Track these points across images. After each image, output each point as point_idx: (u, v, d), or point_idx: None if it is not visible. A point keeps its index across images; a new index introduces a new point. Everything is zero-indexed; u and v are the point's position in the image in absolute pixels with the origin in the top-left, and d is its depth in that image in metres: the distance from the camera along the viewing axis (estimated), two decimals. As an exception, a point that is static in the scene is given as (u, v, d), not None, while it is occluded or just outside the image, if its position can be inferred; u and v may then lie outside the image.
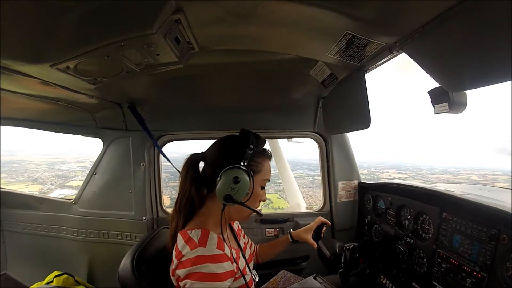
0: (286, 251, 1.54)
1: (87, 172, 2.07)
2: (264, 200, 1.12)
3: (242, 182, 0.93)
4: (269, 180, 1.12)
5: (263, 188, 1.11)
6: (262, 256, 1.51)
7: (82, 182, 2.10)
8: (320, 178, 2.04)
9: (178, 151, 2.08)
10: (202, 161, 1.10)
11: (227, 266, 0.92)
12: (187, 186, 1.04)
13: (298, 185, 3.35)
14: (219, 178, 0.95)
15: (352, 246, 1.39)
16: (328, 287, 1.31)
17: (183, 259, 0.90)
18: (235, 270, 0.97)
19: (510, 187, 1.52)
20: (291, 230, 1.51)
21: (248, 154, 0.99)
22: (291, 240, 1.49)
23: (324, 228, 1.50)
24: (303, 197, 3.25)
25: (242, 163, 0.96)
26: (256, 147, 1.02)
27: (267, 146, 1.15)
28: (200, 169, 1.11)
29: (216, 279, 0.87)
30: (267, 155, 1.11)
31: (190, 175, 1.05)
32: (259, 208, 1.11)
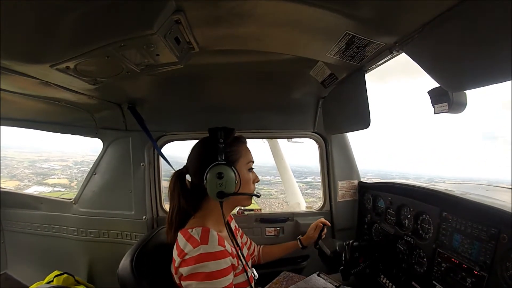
0: (286, 251, 1.56)
1: (68, 171, 2.09)
2: (258, 181, 1.17)
3: (226, 175, 0.99)
4: (253, 162, 1.15)
5: (251, 170, 1.14)
6: (265, 257, 1.54)
7: (60, 180, 2.12)
8: (302, 185, 2.07)
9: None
10: (186, 173, 1.13)
11: (229, 260, 0.95)
12: (176, 201, 1.08)
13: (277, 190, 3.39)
14: (205, 181, 1.00)
15: (352, 241, 1.40)
16: (333, 283, 1.31)
17: (186, 257, 0.91)
18: (236, 265, 1.00)
19: (510, 187, 1.52)
20: (300, 236, 1.60)
21: (221, 148, 1.02)
22: (301, 246, 1.57)
23: (325, 230, 1.53)
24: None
25: (219, 159, 1.01)
26: (226, 139, 1.05)
27: (266, 145, 1.17)
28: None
29: (220, 276, 0.90)
30: (240, 141, 1.15)
31: (177, 190, 1.09)
32: (255, 190, 1.15)
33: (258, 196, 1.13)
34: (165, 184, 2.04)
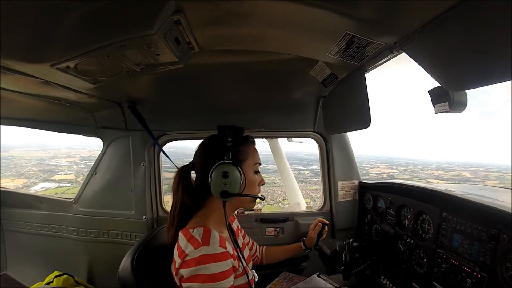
0: (286, 251, 1.55)
1: (75, 166, 2.10)
2: (263, 184, 1.15)
3: (231, 174, 0.98)
4: (260, 164, 1.13)
5: (257, 172, 1.12)
6: (268, 258, 1.53)
7: (66, 176, 2.13)
8: (306, 173, 2.06)
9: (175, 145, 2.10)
10: (192, 170, 1.11)
11: (230, 263, 0.94)
12: (179, 197, 1.07)
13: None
14: (210, 179, 0.99)
15: (352, 240, 1.40)
16: (333, 284, 1.31)
17: (187, 258, 0.90)
18: (237, 267, 0.99)
19: (510, 187, 1.52)
20: (304, 238, 1.58)
21: (229, 147, 1.01)
22: (304, 248, 1.55)
23: (326, 229, 1.53)
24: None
25: (225, 158, 1.00)
26: (234, 137, 1.04)
27: (266, 145, 1.17)
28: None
29: (221, 278, 0.89)
30: (249, 141, 1.13)
31: (181, 186, 1.07)
32: (259, 193, 1.13)
33: (262, 199, 1.11)
34: (168, 175, 2.04)
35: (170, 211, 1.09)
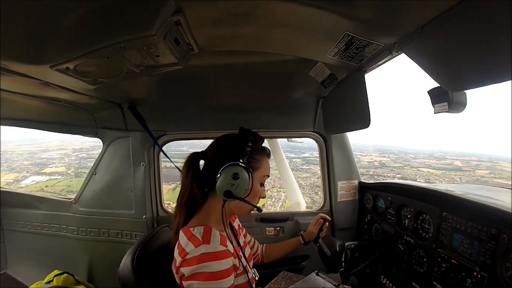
0: (286, 251, 1.56)
1: (66, 159, 2.10)
2: (263, 197, 1.14)
3: (241, 178, 0.96)
4: (268, 176, 1.13)
5: (262, 185, 1.12)
6: (269, 256, 1.54)
7: (57, 168, 2.13)
8: (298, 161, 2.06)
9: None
10: (203, 159, 1.11)
11: (231, 261, 0.94)
12: (188, 184, 1.06)
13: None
14: (218, 175, 0.97)
15: (353, 245, 1.40)
16: (332, 282, 1.31)
17: (188, 256, 0.90)
18: (238, 265, 1.00)
19: (510, 187, 1.53)
20: (302, 232, 1.58)
21: (247, 151, 1.01)
22: (303, 242, 1.55)
23: (326, 225, 1.54)
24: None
25: (241, 160, 0.98)
26: (254, 144, 1.04)
27: (266, 144, 1.16)
28: (201, 167, 1.12)
29: (222, 276, 0.89)
30: (265, 153, 1.13)
31: (190, 173, 1.07)
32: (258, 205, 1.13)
33: (260, 211, 1.10)
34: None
35: (178, 197, 1.08)
